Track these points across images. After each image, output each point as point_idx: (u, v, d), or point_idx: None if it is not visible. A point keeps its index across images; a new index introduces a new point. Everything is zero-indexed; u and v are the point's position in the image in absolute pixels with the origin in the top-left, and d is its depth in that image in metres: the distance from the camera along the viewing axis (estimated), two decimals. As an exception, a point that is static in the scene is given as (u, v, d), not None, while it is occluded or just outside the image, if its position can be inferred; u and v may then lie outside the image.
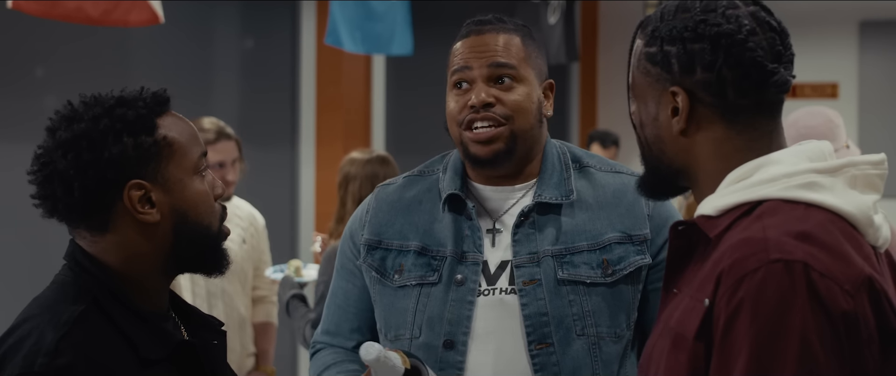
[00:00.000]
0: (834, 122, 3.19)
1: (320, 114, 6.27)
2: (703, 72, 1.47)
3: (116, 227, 1.62)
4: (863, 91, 7.90)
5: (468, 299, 1.99)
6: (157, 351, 1.60)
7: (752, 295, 1.34)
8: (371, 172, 3.90)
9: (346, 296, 2.15)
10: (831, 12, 7.92)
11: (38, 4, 3.57)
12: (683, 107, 1.49)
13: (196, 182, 1.65)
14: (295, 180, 6.26)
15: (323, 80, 6.26)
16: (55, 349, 1.50)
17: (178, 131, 1.65)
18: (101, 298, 1.59)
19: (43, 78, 5.16)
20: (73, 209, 1.61)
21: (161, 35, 5.28)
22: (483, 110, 1.99)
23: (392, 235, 2.08)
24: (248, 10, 6.07)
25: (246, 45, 6.13)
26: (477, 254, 2.01)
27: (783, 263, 1.34)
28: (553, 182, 2.04)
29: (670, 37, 1.49)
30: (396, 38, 5.56)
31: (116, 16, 3.66)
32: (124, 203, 1.60)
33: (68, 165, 1.59)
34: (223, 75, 6.02)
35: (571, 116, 8.24)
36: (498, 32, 2.05)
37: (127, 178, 1.59)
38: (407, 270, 2.04)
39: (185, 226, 1.63)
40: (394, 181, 2.18)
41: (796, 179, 1.43)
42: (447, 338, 1.99)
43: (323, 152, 6.20)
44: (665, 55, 1.50)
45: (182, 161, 1.64)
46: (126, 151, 1.59)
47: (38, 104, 5.11)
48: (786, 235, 1.37)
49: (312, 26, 6.20)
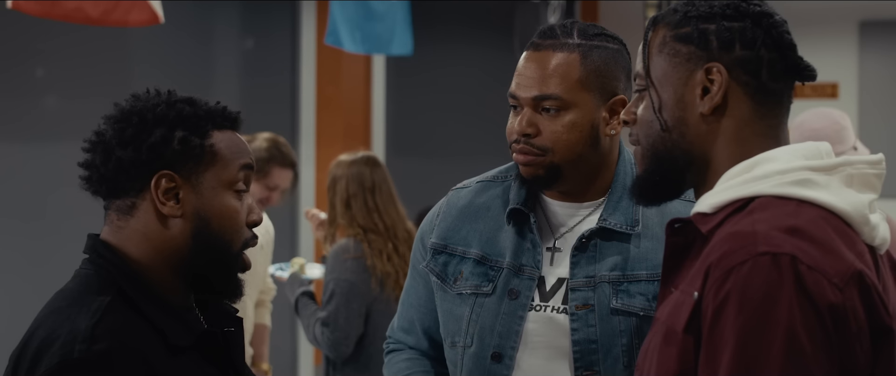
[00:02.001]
0: (840, 124, 3.18)
1: (320, 114, 6.27)
2: (742, 48, 1.48)
3: (140, 214, 1.65)
4: (863, 91, 7.90)
5: (519, 313, 1.97)
6: (185, 339, 1.63)
7: (738, 287, 1.34)
8: (356, 172, 3.89)
9: (418, 296, 2.16)
10: (831, 12, 7.92)
11: (38, 4, 3.57)
12: (722, 80, 1.48)
13: (228, 197, 1.67)
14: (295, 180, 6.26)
15: (323, 80, 6.26)
16: (92, 335, 1.53)
17: (229, 147, 1.68)
18: (126, 288, 1.62)
19: (43, 78, 5.16)
20: (105, 180, 1.64)
21: (161, 35, 5.28)
22: (523, 140, 1.96)
23: (457, 241, 2.07)
24: (248, 10, 6.07)
25: (246, 44, 6.13)
26: (534, 270, 1.98)
27: (771, 256, 1.34)
28: (621, 206, 1.98)
29: (709, 14, 1.50)
30: (396, 38, 5.56)
31: (116, 16, 3.66)
32: (151, 190, 1.63)
33: (112, 136, 1.64)
34: (223, 75, 6.01)
35: (571, 116, 8.22)
36: (553, 51, 1.96)
37: (161, 167, 1.63)
38: (465, 278, 2.03)
39: (205, 233, 1.65)
40: (467, 184, 2.15)
41: (790, 176, 1.43)
42: (495, 350, 1.97)
43: (323, 152, 6.20)
44: (702, 33, 1.50)
45: (221, 172, 1.67)
46: (170, 142, 1.63)
47: (38, 104, 5.11)
48: (775, 229, 1.37)
49: (312, 26, 6.20)
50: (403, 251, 3.82)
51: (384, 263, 3.78)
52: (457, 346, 2.02)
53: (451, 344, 2.04)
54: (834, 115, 3.21)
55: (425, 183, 6.88)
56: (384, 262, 3.78)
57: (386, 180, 3.93)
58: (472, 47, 7.23)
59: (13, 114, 5.01)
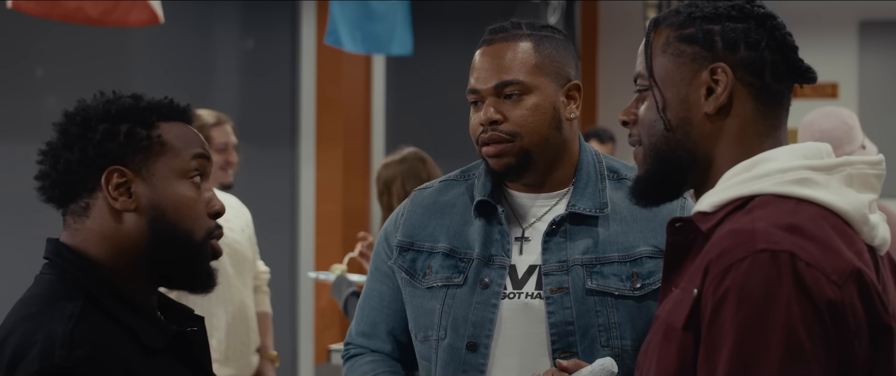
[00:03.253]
0: (849, 125, 3.19)
1: (320, 114, 6.27)
2: (746, 49, 1.49)
3: (94, 213, 1.63)
4: (863, 91, 7.90)
5: (492, 302, 1.99)
6: (158, 340, 1.61)
7: (737, 284, 1.34)
8: (410, 168, 3.88)
9: (380, 298, 2.16)
10: (831, 12, 7.92)
11: (38, 4, 3.57)
12: (727, 81, 1.49)
13: (183, 186, 1.64)
14: (295, 180, 6.26)
15: (323, 80, 6.26)
16: (71, 340, 1.50)
17: (177, 136, 1.66)
18: (94, 292, 1.59)
19: (43, 78, 5.16)
20: (57, 185, 1.63)
21: (161, 35, 5.27)
22: (490, 128, 2.00)
23: (423, 237, 2.09)
24: (248, 10, 6.07)
25: (246, 44, 6.13)
26: (504, 258, 2.01)
27: (769, 253, 1.35)
28: (588, 192, 2.03)
29: (713, 15, 1.51)
30: (396, 38, 5.56)
31: (116, 16, 3.66)
32: (102, 187, 1.61)
33: (58, 140, 1.64)
34: (223, 75, 6.02)
35: (571, 116, 8.22)
36: (507, 42, 2.05)
37: (110, 162, 1.61)
38: (434, 271, 2.05)
39: (162, 224, 1.62)
40: (430, 185, 2.19)
41: (789, 175, 1.44)
42: (470, 340, 1.99)
43: (323, 152, 6.20)
44: (707, 33, 1.51)
45: (172, 161, 1.64)
46: (115, 137, 1.61)
47: (38, 104, 5.11)
48: (774, 227, 1.37)
49: (312, 26, 6.20)
50: None
51: None
52: (430, 340, 2.04)
53: (423, 339, 2.06)
54: (843, 116, 3.22)
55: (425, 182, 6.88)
56: None
57: (436, 172, 3.93)
58: (472, 47, 7.19)
59: (13, 114, 5.01)
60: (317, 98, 6.27)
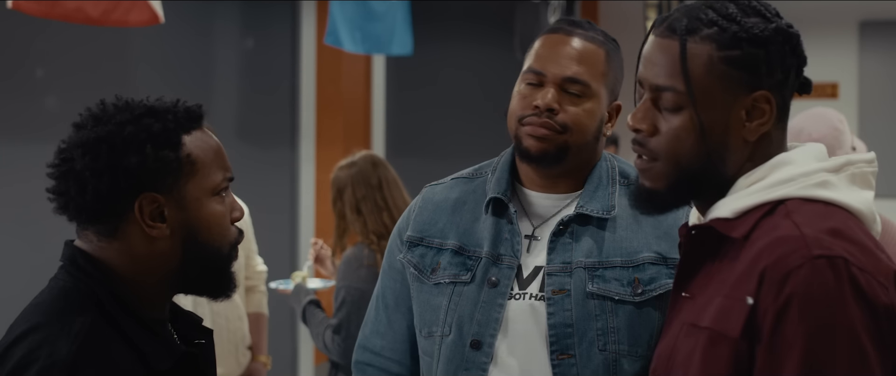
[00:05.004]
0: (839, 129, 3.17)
1: (320, 114, 6.27)
2: (780, 73, 1.50)
3: (125, 236, 1.60)
4: (863, 91, 7.90)
5: (498, 301, 2.00)
6: (165, 361, 1.59)
7: (800, 291, 1.35)
8: (359, 172, 3.85)
9: (395, 296, 2.16)
10: (831, 12, 7.92)
11: (38, 4, 3.57)
12: (771, 108, 1.49)
13: (213, 203, 1.63)
14: (295, 180, 6.26)
15: (323, 80, 6.26)
16: (72, 363, 1.48)
17: (204, 150, 1.63)
18: (106, 306, 1.57)
19: (43, 78, 5.15)
20: (83, 210, 1.59)
21: (161, 35, 5.27)
22: (545, 114, 1.98)
23: (433, 234, 2.10)
24: (248, 10, 6.07)
25: (246, 45, 6.13)
26: (513, 258, 2.01)
27: (826, 259, 1.36)
28: (597, 195, 2.03)
29: (759, 38, 1.48)
30: (396, 38, 5.56)
31: (116, 16, 3.66)
32: (135, 213, 1.58)
33: (85, 166, 1.56)
34: (223, 75, 6.01)
35: (571, 116, 8.24)
36: (586, 41, 2.02)
37: (142, 189, 1.57)
38: (442, 268, 2.06)
39: (195, 245, 1.61)
40: (443, 181, 2.19)
41: (813, 178, 1.46)
42: (474, 338, 1.99)
43: (323, 152, 6.20)
44: (753, 58, 1.48)
45: (202, 181, 1.62)
46: (146, 163, 1.57)
47: (38, 104, 5.11)
48: (820, 232, 1.39)
49: (312, 26, 6.20)
50: None
51: None
52: (434, 336, 2.04)
53: (427, 335, 2.06)
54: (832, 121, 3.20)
55: (425, 182, 6.87)
56: None
57: (389, 173, 3.90)
58: (472, 47, 7.23)
59: (13, 114, 5.01)
60: (317, 98, 6.27)
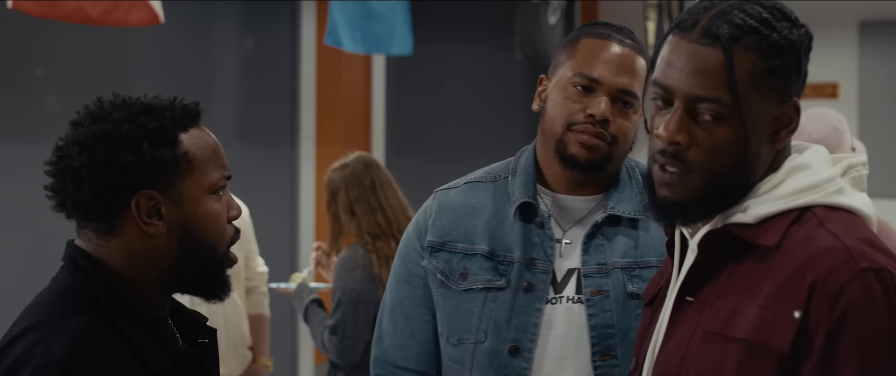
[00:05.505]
0: (839, 129, 3.17)
1: (320, 114, 6.27)
2: (799, 78, 1.50)
3: (122, 233, 1.60)
4: (863, 91, 7.90)
5: (536, 306, 1.97)
6: (162, 361, 1.59)
7: (854, 305, 1.35)
8: (351, 174, 3.85)
9: (414, 302, 2.09)
10: (831, 12, 7.92)
11: (38, 4, 3.57)
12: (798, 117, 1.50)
13: (210, 201, 1.62)
14: (295, 180, 6.26)
15: (323, 80, 6.26)
16: (65, 363, 1.48)
17: (201, 148, 1.63)
18: (104, 305, 1.57)
19: (43, 78, 5.15)
20: (80, 208, 1.59)
21: (161, 35, 5.27)
22: (599, 124, 1.95)
23: (457, 238, 2.05)
24: (248, 10, 6.07)
25: (246, 45, 6.13)
26: (547, 262, 1.98)
27: (874, 272, 1.37)
28: (625, 195, 2.02)
29: (792, 45, 1.48)
30: (396, 38, 5.56)
31: (116, 16, 3.66)
32: (132, 211, 1.58)
33: (82, 164, 1.57)
34: (223, 75, 6.01)
35: (571, 116, 8.24)
36: (631, 50, 2.00)
37: (138, 187, 1.57)
38: (473, 274, 2.01)
39: (191, 243, 1.61)
40: (454, 185, 2.14)
41: (833, 184, 1.46)
42: (513, 344, 1.96)
43: (323, 152, 6.20)
44: (788, 66, 1.47)
45: (200, 179, 1.62)
46: (142, 160, 1.57)
47: (38, 104, 5.11)
48: (860, 242, 1.39)
49: (312, 26, 6.20)
50: None
51: None
52: (466, 343, 2.00)
53: (456, 342, 2.02)
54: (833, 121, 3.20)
55: (425, 183, 6.86)
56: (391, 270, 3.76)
57: (382, 174, 3.90)
58: (472, 47, 7.23)
59: (13, 114, 5.01)
60: (317, 98, 6.27)
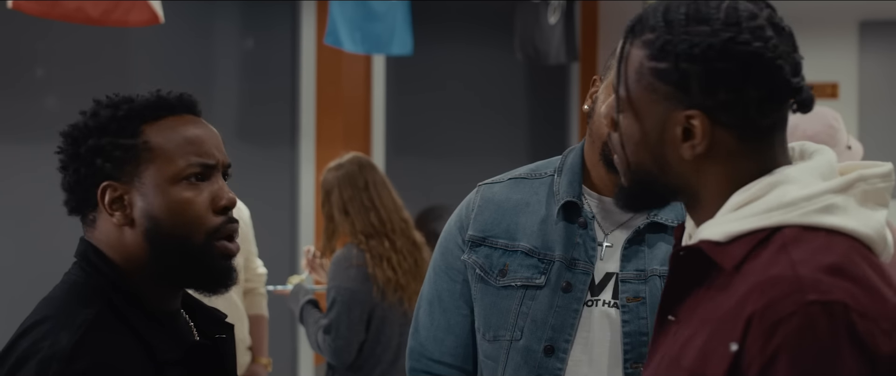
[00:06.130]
0: (834, 127, 3.17)
1: (320, 114, 6.27)
2: (727, 93, 1.34)
3: (100, 225, 1.64)
4: (863, 91, 7.90)
5: (574, 306, 1.95)
6: (173, 353, 1.59)
7: (789, 343, 1.22)
8: (346, 175, 3.86)
9: (452, 296, 2.08)
10: (831, 12, 7.91)
11: (38, 4, 3.57)
12: (703, 131, 1.34)
13: (177, 190, 1.61)
14: (295, 180, 6.25)
15: (323, 80, 6.26)
16: (71, 354, 1.49)
17: (169, 138, 1.63)
18: (114, 299, 1.59)
19: (43, 78, 5.15)
20: (66, 202, 1.67)
21: (161, 35, 5.27)
22: None
23: (498, 234, 2.03)
24: (248, 10, 6.07)
25: (246, 45, 6.13)
26: (588, 263, 1.96)
27: (820, 305, 1.23)
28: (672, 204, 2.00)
29: (689, 55, 1.34)
30: (396, 38, 5.55)
31: (116, 16, 3.66)
32: (99, 203, 1.62)
33: (60, 161, 1.66)
34: (223, 75, 6.01)
35: (571, 116, 8.24)
36: None
37: (104, 177, 1.61)
38: (512, 270, 2.00)
39: (158, 233, 1.61)
40: (498, 180, 2.12)
41: (815, 203, 1.31)
42: (548, 344, 1.95)
43: (323, 152, 6.20)
44: (682, 74, 1.34)
45: (164, 167, 1.61)
46: (103, 151, 1.61)
47: (38, 104, 5.11)
48: (819, 271, 1.25)
49: (312, 26, 6.19)
50: (401, 244, 3.81)
51: (385, 270, 3.77)
52: (501, 340, 1.99)
53: (492, 338, 2.00)
54: (827, 118, 3.20)
55: (425, 183, 6.87)
56: (385, 269, 3.77)
57: (376, 175, 3.90)
58: (472, 47, 7.23)
59: (13, 114, 5.01)
60: (317, 98, 6.26)
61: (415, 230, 3.95)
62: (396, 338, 3.83)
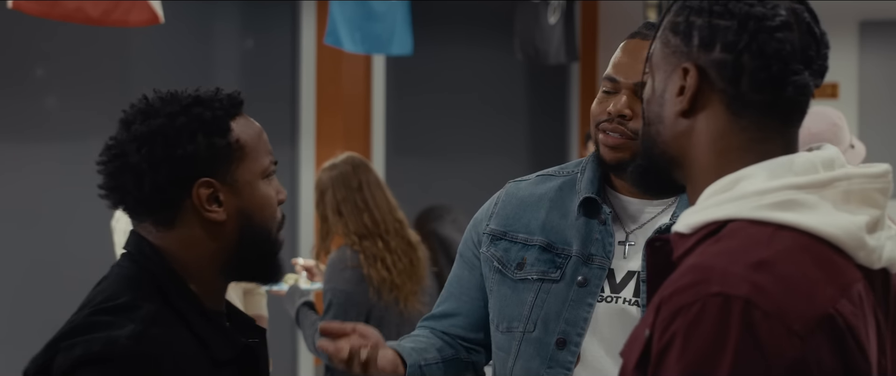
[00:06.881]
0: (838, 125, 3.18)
1: (320, 114, 6.27)
2: (722, 51, 1.33)
3: (183, 224, 1.64)
4: (863, 91, 7.90)
5: (588, 301, 1.98)
6: (227, 353, 1.63)
7: (683, 331, 1.19)
8: (339, 175, 3.87)
9: (459, 283, 2.17)
10: (831, 12, 7.91)
11: (38, 4, 3.57)
12: (691, 85, 1.34)
13: (263, 185, 1.68)
14: (295, 180, 6.26)
15: (323, 80, 6.26)
16: (139, 337, 1.52)
17: (250, 135, 1.68)
18: (170, 296, 1.61)
19: (43, 78, 5.16)
20: (141, 202, 1.63)
21: (161, 35, 5.27)
22: (617, 120, 1.97)
23: (518, 228, 2.08)
24: (248, 10, 6.07)
25: (246, 45, 6.13)
26: (604, 259, 1.99)
27: (722, 298, 1.19)
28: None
29: (699, 8, 1.36)
30: (396, 38, 5.56)
31: (116, 16, 3.66)
32: (192, 200, 1.62)
33: (141, 159, 1.61)
34: (223, 75, 6.02)
35: (571, 116, 8.24)
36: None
37: (198, 176, 1.62)
38: (529, 264, 2.04)
39: (250, 228, 1.66)
40: (527, 177, 2.17)
41: (770, 197, 1.27)
42: (561, 336, 1.98)
43: (323, 152, 6.20)
44: (689, 26, 1.36)
45: (252, 164, 1.67)
46: (199, 150, 1.62)
47: (38, 104, 5.11)
48: (737, 264, 1.21)
49: (312, 26, 6.20)
50: (395, 245, 3.81)
51: (379, 270, 3.77)
52: (514, 331, 2.02)
53: (505, 330, 2.04)
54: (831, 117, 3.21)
55: (425, 183, 6.87)
56: (379, 269, 3.77)
57: (370, 175, 3.90)
58: (472, 47, 7.23)
59: (13, 114, 5.01)
60: (317, 98, 6.27)
61: (410, 230, 3.96)
62: (394, 338, 3.82)
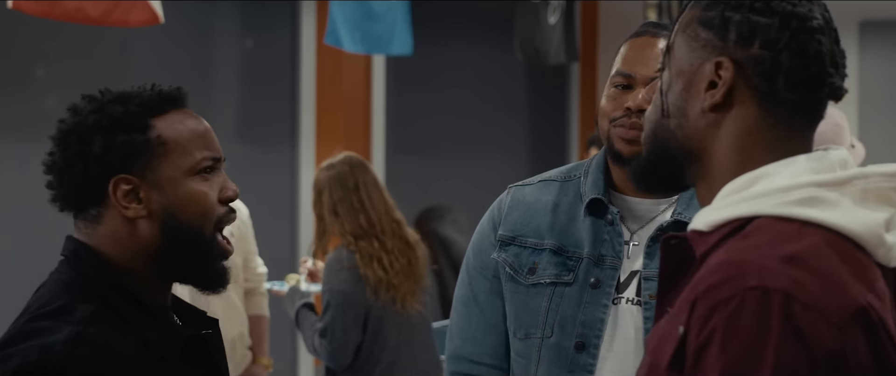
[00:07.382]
0: (840, 126, 3.19)
1: (320, 114, 6.27)
2: (761, 48, 1.34)
3: (107, 220, 1.63)
4: (863, 91, 7.90)
5: (603, 302, 1.97)
6: (170, 348, 1.61)
7: (723, 326, 1.20)
8: (336, 175, 3.87)
9: (490, 295, 2.09)
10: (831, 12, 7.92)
11: (38, 4, 3.57)
12: (727, 79, 1.34)
13: (192, 182, 1.64)
14: (295, 180, 6.26)
15: (323, 80, 6.26)
16: (75, 340, 1.51)
17: (178, 131, 1.65)
18: (108, 296, 1.60)
19: (43, 78, 5.16)
20: (65, 200, 1.65)
21: (161, 35, 5.27)
22: (635, 115, 1.95)
23: (527, 233, 2.06)
24: (248, 10, 6.07)
25: (246, 45, 6.13)
26: (615, 259, 1.98)
27: (761, 291, 1.20)
28: (694, 202, 1.99)
29: (737, 4, 1.36)
30: (396, 38, 5.56)
31: (116, 16, 3.67)
32: (110, 197, 1.62)
33: (59, 157, 1.64)
34: (223, 75, 6.01)
35: (571, 117, 8.24)
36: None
37: (114, 173, 1.61)
38: (541, 268, 2.02)
39: (174, 224, 1.63)
40: (529, 182, 2.14)
41: (794, 194, 1.28)
42: (579, 340, 1.97)
43: (323, 152, 6.20)
44: (725, 21, 1.36)
45: (178, 160, 1.64)
46: (114, 147, 1.61)
47: (38, 104, 5.11)
48: (770, 258, 1.23)
49: (312, 26, 6.20)
50: (391, 245, 3.81)
51: (376, 270, 3.77)
52: (532, 338, 2.01)
53: (523, 337, 2.03)
54: (834, 117, 3.22)
55: (425, 182, 6.87)
56: (376, 269, 3.77)
57: (367, 176, 3.90)
58: (472, 47, 7.23)
59: (13, 114, 5.01)
60: (317, 98, 6.27)
61: (408, 229, 3.96)
62: (394, 338, 3.83)
